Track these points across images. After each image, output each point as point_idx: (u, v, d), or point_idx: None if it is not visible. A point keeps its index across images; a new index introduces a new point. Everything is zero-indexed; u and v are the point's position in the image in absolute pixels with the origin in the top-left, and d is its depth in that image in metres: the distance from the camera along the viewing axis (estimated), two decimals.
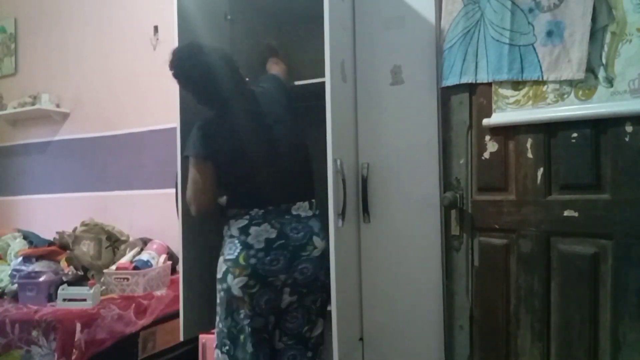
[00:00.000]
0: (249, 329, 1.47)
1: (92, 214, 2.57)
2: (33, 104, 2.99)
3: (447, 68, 1.57)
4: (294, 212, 1.51)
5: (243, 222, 1.49)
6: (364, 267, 1.71)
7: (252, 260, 1.44)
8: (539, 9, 1.41)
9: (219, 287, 1.50)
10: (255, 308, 1.47)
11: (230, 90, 1.53)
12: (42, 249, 2.30)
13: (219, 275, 1.50)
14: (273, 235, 1.47)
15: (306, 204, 1.53)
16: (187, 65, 1.49)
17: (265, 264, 1.45)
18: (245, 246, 1.46)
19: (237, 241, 1.47)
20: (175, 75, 1.51)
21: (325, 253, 1.48)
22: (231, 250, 1.47)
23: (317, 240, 1.50)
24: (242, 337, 1.49)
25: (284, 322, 1.54)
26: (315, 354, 1.57)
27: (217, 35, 1.95)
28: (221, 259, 1.51)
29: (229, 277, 1.46)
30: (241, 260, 1.45)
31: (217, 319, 1.54)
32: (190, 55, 1.50)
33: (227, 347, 1.50)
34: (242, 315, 1.48)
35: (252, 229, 1.47)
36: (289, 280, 1.48)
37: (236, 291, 1.45)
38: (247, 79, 1.65)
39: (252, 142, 1.52)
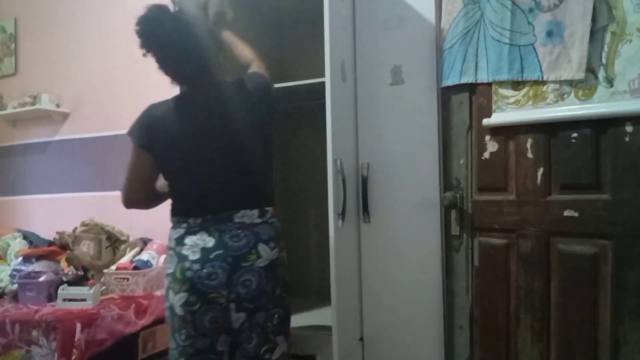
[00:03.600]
0: (193, 349, 1.31)
1: (92, 214, 2.56)
2: (33, 104, 2.98)
3: (447, 68, 1.57)
4: (236, 220, 1.31)
5: (180, 232, 1.33)
6: (364, 267, 1.71)
7: (188, 274, 1.27)
8: (539, 9, 1.41)
9: (165, 305, 1.35)
10: (198, 328, 1.29)
11: (196, 71, 1.33)
12: (42, 249, 2.29)
13: (165, 292, 1.35)
14: (210, 244, 1.29)
15: (254, 212, 1.33)
16: (156, 25, 1.26)
17: (202, 277, 1.27)
18: (181, 258, 1.29)
19: (173, 253, 1.32)
20: (140, 34, 1.26)
21: (275, 263, 1.32)
22: (170, 264, 1.32)
23: (263, 249, 1.31)
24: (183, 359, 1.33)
25: (240, 342, 1.35)
26: None
27: None
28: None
29: (170, 294, 1.30)
30: (178, 274, 1.28)
31: None
32: (163, 16, 1.27)
33: None
34: (183, 336, 1.30)
35: (187, 239, 1.31)
36: (232, 296, 1.29)
37: (178, 309, 1.29)
38: (227, 66, 1.46)
39: (196, 141, 1.33)
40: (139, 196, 1.42)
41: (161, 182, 1.43)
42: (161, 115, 1.35)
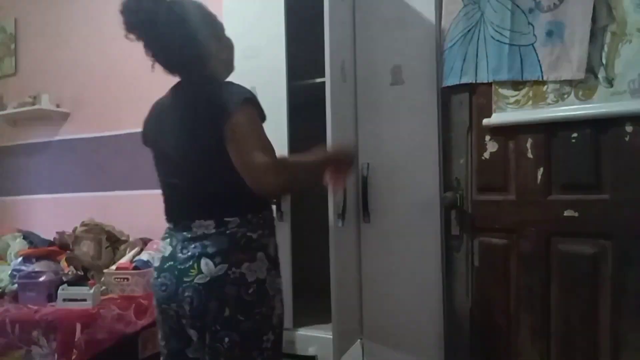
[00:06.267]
0: (166, 350, 1.27)
1: (92, 214, 2.56)
2: (33, 104, 2.98)
3: (448, 68, 1.57)
4: (192, 229, 1.21)
5: (162, 235, 1.30)
6: (364, 267, 1.71)
7: (152, 279, 1.26)
8: (539, 9, 1.41)
9: None
10: (165, 331, 1.26)
11: (183, 63, 1.25)
12: (42, 249, 2.29)
13: None
14: (167, 254, 1.23)
15: (209, 222, 1.21)
16: (140, 4, 1.19)
17: (157, 286, 1.23)
18: (155, 261, 1.28)
19: None
20: (122, 12, 1.21)
21: (220, 281, 1.17)
22: None
23: (205, 264, 1.17)
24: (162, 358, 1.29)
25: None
26: None
27: None
28: None
29: None
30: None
31: None
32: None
33: None
34: (160, 335, 1.29)
35: (161, 243, 1.27)
36: (180, 311, 1.19)
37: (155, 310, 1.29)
38: (223, 56, 1.33)
39: (168, 142, 1.25)
40: None
41: None
42: (152, 109, 1.33)
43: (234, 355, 1.20)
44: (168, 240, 1.25)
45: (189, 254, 1.19)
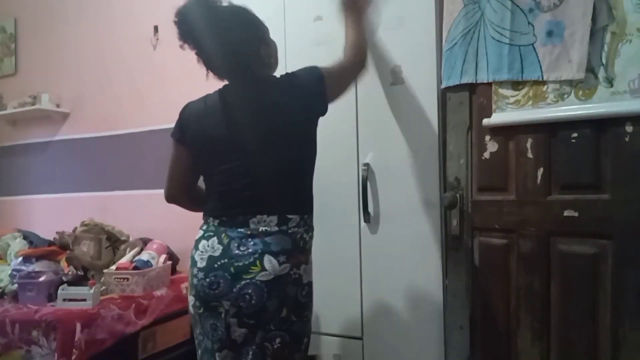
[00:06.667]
0: (203, 346, 1.28)
1: (92, 214, 2.56)
2: (33, 104, 2.99)
3: (448, 68, 1.56)
4: (251, 226, 1.22)
5: (199, 234, 1.29)
6: (364, 267, 1.71)
7: (194, 280, 1.24)
8: (539, 9, 1.41)
9: None
10: (205, 330, 1.26)
11: (236, 66, 1.29)
12: (42, 249, 2.30)
13: None
14: (217, 253, 1.22)
15: (272, 218, 1.22)
16: (195, 16, 1.24)
17: (204, 286, 1.22)
18: (193, 262, 1.26)
19: (191, 255, 1.30)
20: (177, 25, 1.26)
21: (283, 280, 1.19)
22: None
23: (269, 261, 1.18)
24: (200, 351, 1.31)
25: (240, 358, 1.24)
26: None
27: None
28: None
29: (189, 291, 1.32)
30: (190, 277, 1.28)
31: None
32: (203, 6, 1.25)
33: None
34: (198, 331, 1.30)
35: (202, 243, 1.26)
36: (232, 310, 1.19)
37: (190, 309, 1.30)
38: (270, 60, 1.38)
39: (223, 137, 1.27)
40: (178, 192, 1.39)
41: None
42: (196, 109, 1.34)
43: (282, 356, 1.21)
44: (215, 239, 1.24)
45: (249, 250, 1.20)
